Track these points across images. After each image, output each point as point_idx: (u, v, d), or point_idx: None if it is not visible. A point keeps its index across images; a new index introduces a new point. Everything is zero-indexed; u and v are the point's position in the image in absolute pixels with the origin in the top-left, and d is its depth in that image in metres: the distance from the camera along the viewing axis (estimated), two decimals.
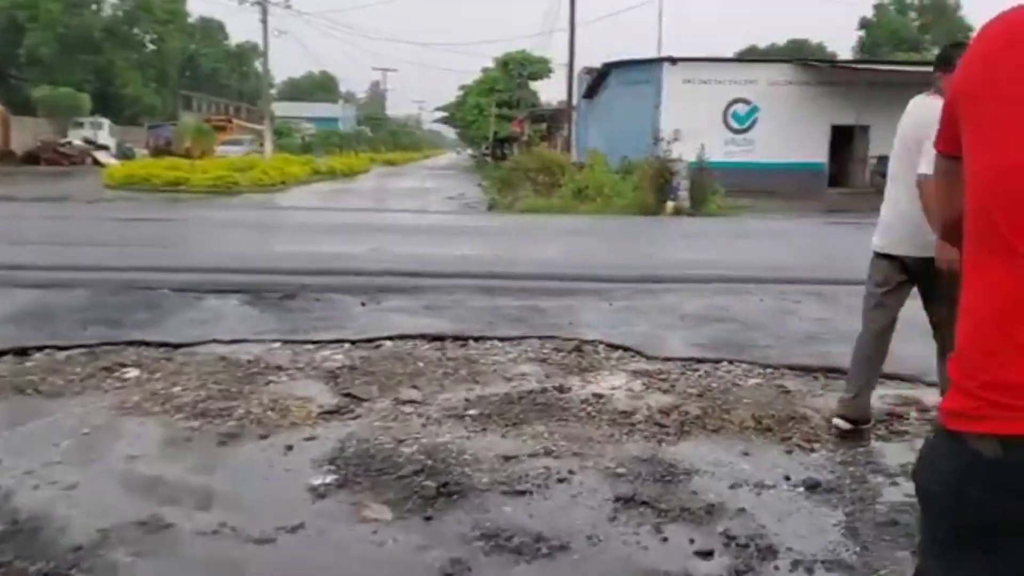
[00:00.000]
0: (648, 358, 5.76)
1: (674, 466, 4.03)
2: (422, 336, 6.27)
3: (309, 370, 5.45)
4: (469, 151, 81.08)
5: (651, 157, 20.74)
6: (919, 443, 4.42)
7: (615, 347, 6.00)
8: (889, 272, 4.60)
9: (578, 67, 33.10)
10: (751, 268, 9.59)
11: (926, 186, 3.90)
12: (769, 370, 5.53)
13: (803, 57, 32.88)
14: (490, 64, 52.91)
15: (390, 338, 6.21)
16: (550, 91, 50.17)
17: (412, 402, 4.86)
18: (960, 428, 1.23)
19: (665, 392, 5.09)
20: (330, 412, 4.67)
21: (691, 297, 7.70)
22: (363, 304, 7.36)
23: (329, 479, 3.79)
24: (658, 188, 18.86)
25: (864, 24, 61.07)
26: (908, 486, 3.90)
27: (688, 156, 19.33)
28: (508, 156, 44.74)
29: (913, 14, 61.45)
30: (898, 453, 4.25)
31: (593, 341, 6.13)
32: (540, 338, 6.25)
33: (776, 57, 29.99)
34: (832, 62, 32.15)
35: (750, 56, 28.88)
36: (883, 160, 24.75)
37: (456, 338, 6.24)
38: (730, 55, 33.30)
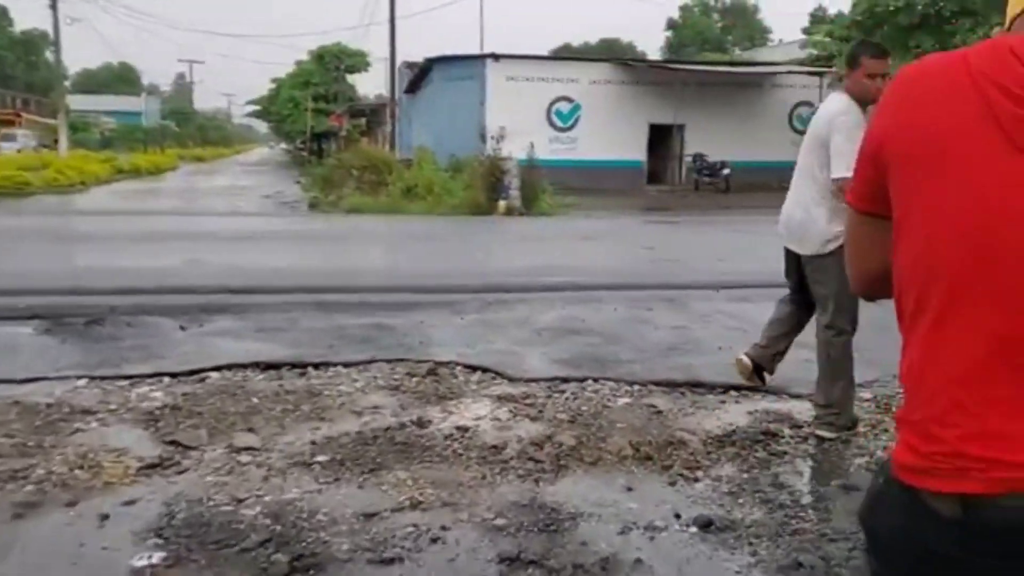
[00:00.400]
0: (511, 380, 5.34)
1: (557, 511, 3.64)
2: (255, 364, 5.59)
3: (123, 413, 4.69)
4: (283, 146, 78.43)
5: (480, 155, 20.48)
6: (799, 464, 4.24)
7: (473, 368, 5.56)
8: (787, 263, 4.71)
9: (398, 61, 32.42)
10: (599, 273, 9.39)
11: (843, 186, 3.95)
12: (636, 387, 5.25)
13: (617, 56, 33.66)
14: (304, 57, 51.31)
15: (217, 368, 5.50)
16: (368, 85, 48.86)
17: (249, 449, 4.22)
18: (915, 483, 1.15)
19: (534, 420, 4.69)
20: (152, 466, 3.98)
21: (545, 308, 7.35)
22: (183, 328, 6.55)
23: (156, 557, 3.15)
24: (489, 187, 18.59)
25: (671, 25, 63.58)
26: (802, 519, 3.68)
27: (516, 154, 19.18)
28: (326, 152, 43.50)
29: (716, 16, 64.55)
30: (782, 479, 4.03)
31: (449, 363, 5.66)
32: (389, 361, 5.71)
33: (591, 56, 30.49)
34: (650, 62, 33.09)
35: (565, 54, 29.23)
36: (698, 158, 25.81)
37: (294, 365, 5.61)
38: (546, 53, 33.52)
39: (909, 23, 22.68)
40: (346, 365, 5.62)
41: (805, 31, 46.27)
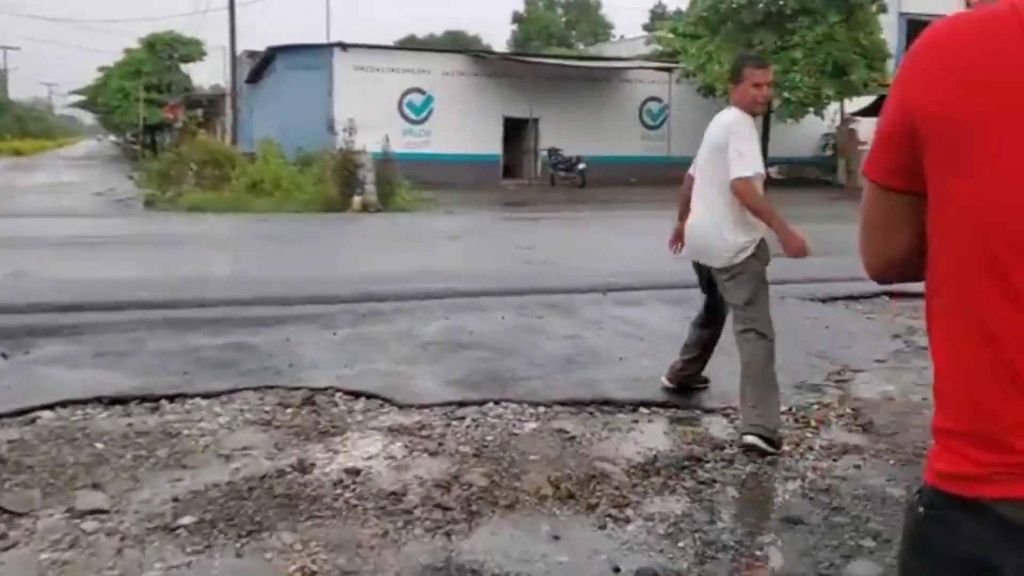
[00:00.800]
0: (401, 407, 4.74)
1: (478, 572, 3.11)
2: (96, 400, 4.76)
3: None
4: (113, 139, 73.90)
5: (330, 148, 19.55)
6: (733, 494, 3.86)
7: (356, 394, 4.92)
8: (699, 276, 4.67)
9: (238, 50, 30.75)
10: (479, 278, 8.73)
11: (743, 186, 4.12)
12: (541, 409, 4.76)
13: (464, 48, 33.13)
14: (135, 45, 48.24)
15: (50, 406, 4.63)
16: (204, 74, 46.35)
17: (96, 512, 3.48)
18: (979, 494, 1.04)
19: (434, 455, 4.12)
20: None
21: (426, 318, 6.74)
22: (4, 356, 5.57)
23: None
24: (343, 181, 17.72)
25: (517, 18, 63.71)
26: (754, 565, 3.30)
27: (370, 147, 18.39)
28: (161, 145, 41.07)
29: (560, 10, 65.16)
30: (719, 513, 3.65)
31: (327, 388, 4.99)
32: (257, 389, 4.99)
33: (440, 47, 29.90)
34: (503, 54, 32.81)
35: (411, 45, 28.46)
36: (554, 152, 25.70)
37: (144, 399, 4.80)
38: (391, 44, 32.64)
39: (752, 20, 23.33)
40: (206, 396, 4.86)
41: (646, 27, 47.32)
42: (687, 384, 4.99)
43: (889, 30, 25.73)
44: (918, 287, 1.13)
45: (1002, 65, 1.01)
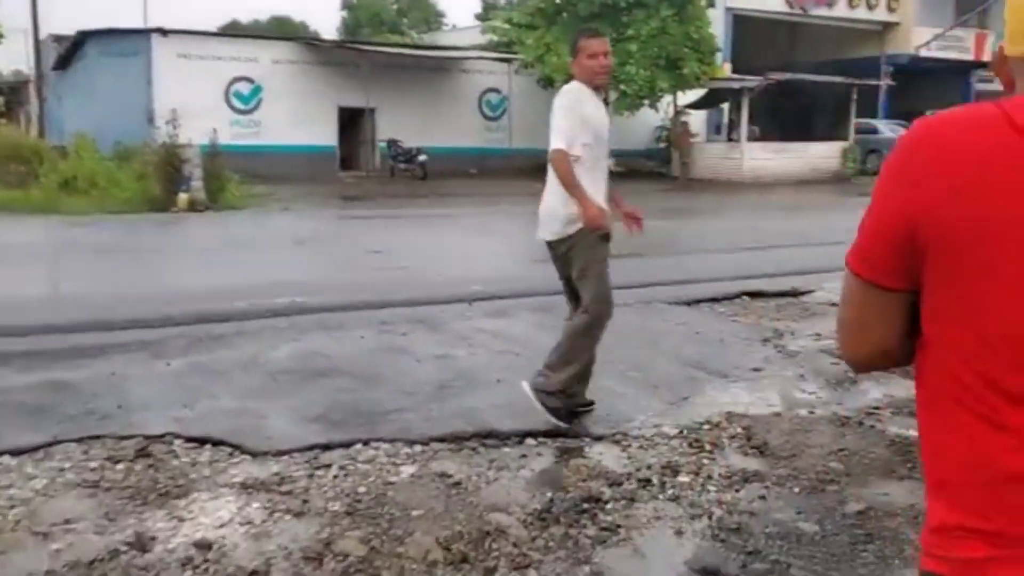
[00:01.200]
0: (254, 455, 4.12)
1: None
2: None
3: None
4: None
5: (152, 141, 18.10)
6: (639, 542, 3.49)
7: (200, 441, 4.25)
8: (553, 261, 4.62)
9: (43, 33, 28.18)
10: (330, 289, 7.94)
11: (554, 157, 4.24)
12: (418, 448, 4.26)
13: (291, 36, 31.74)
14: None
15: None
16: (3, 59, 42.18)
17: None
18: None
19: (300, 516, 3.56)
20: None
21: (274, 340, 6.03)
22: None
23: None
24: (167, 178, 16.38)
25: (346, 5, 62.01)
26: None
27: (196, 139, 17.12)
28: None
29: None
30: (629, 569, 3.29)
31: (164, 436, 4.30)
32: (80, 441, 4.23)
33: (268, 34, 28.34)
34: (337, 42, 31.65)
35: (235, 32, 26.86)
36: (393, 143, 24.97)
37: None
38: (214, 30, 30.55)
39: (588, 12, 23.45)
40: (15, 454, 4.07)
41: (479, 17, 47.07)
42: (573, 410, 4.64)
43: (716, 24, 26.55)
44: (774, 287, 0.83)
45: (997, 179, 1.02)
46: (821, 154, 26.78)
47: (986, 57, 36.13)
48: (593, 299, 4.38)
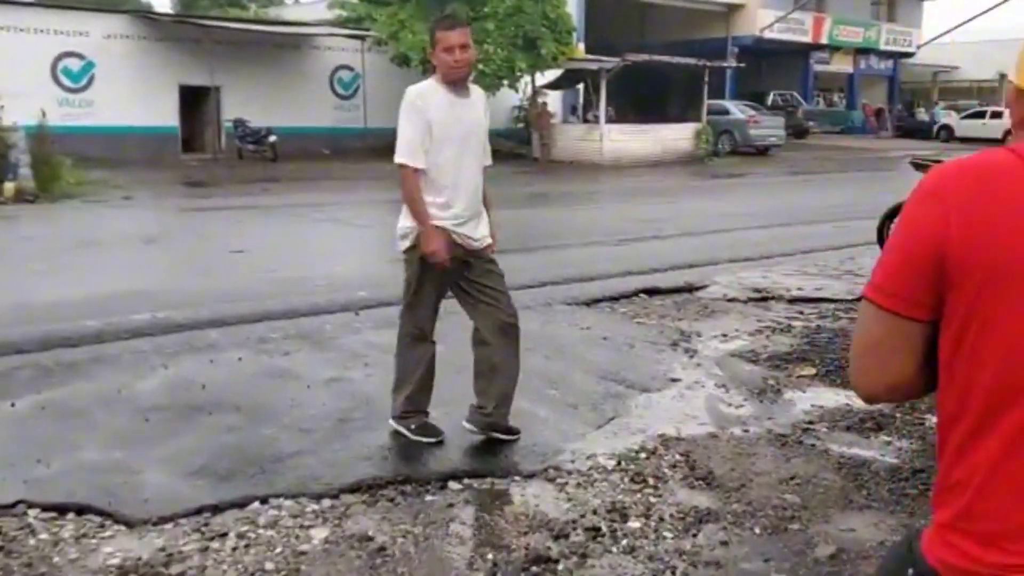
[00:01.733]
0: (131, 525, 3.42)
1: None
2: None
3: None
4: None
5: None
6: None
7: (61, 510, 3.51)
8: None
9: None
10: (195, 300, 6.92)
11: (401, 172, 3.94)
12: (327, 503, 3.67)
13: (123, 8, 29.44)
14: None
15: None
16: None
17: None
18: None
19: None
20: None
21: (137, 368, 5.20)
22: None
23: None
24: None
25: None
26: None
27: (21, 121, 15.46)
28: None
29: None
30: None
31: (16, 505, 3.53)
32: None
33: (98, 7, 26.04)
34: (176, 16, 29.58)
35: (62, 3, 24.55)
36: (240, 124, 23.53)
37: None
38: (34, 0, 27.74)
39: None
40: None
41: None
42: (494, 432, 4.30)
43: (570, 4, 26.41)
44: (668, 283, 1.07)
45: (1013, 214, 1.08)
46: (676, 135, 27.17)
47: (823, 39, 37.87)
48: (409, 318, 4.22)
